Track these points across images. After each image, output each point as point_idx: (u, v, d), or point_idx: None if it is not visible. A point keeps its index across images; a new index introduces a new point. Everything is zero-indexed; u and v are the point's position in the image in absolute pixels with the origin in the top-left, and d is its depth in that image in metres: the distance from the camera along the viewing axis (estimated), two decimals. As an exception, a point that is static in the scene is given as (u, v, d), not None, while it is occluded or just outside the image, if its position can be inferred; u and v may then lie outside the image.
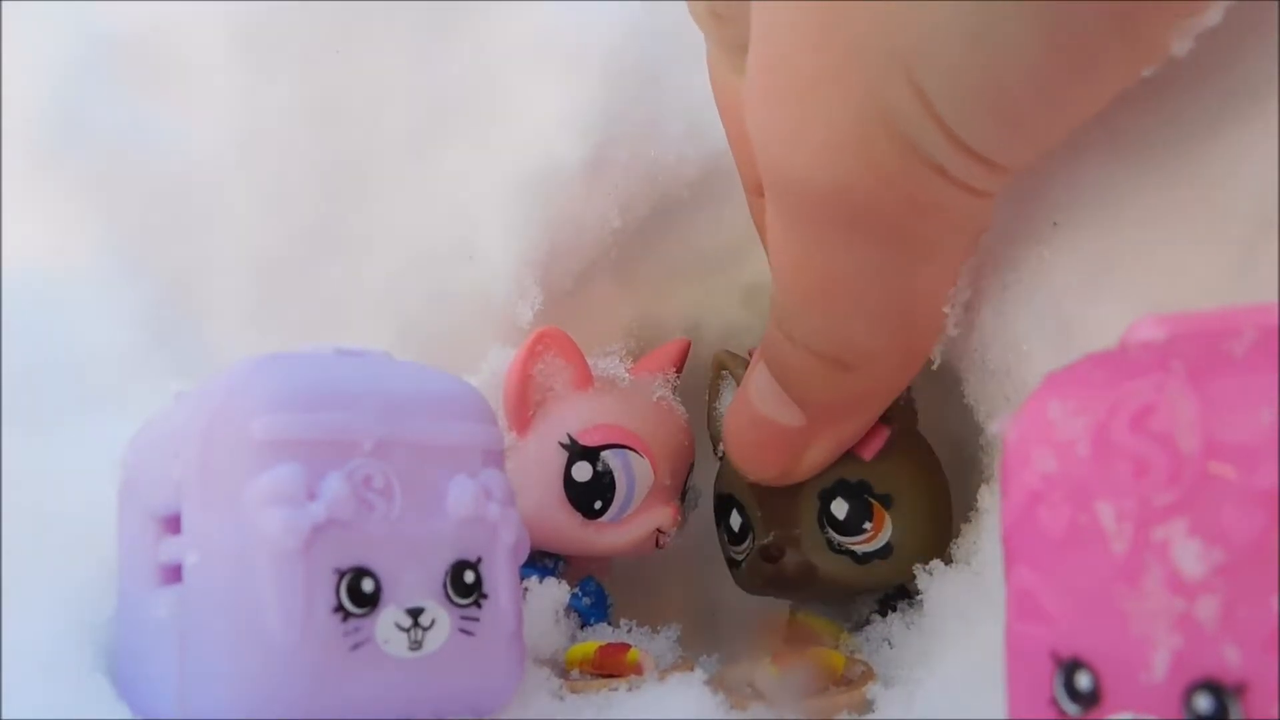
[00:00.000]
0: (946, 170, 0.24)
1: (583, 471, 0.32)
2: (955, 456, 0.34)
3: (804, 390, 0.29)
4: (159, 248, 0.40)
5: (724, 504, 0.34)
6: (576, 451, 0.32)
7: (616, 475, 0.32)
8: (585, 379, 0.33)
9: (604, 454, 0.32)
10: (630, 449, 0.32)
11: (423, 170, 0.40)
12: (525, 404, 0.32)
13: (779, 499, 0.32)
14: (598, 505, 0.32)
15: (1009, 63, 0.22)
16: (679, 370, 0.36)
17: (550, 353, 0.32)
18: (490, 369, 0.34)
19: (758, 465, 0.31)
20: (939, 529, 0.32)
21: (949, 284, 0.28)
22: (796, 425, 0.30)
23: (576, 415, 0.32)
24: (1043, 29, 0.22)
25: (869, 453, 0.31)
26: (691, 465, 0.35)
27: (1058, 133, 0.25)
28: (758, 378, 0.30)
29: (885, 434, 0.31)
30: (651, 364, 0.35)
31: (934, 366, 0.30)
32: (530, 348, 0.32)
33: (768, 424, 0.30)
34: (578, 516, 0.32)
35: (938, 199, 0.25)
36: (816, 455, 0.31)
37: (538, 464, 0.32)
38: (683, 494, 0.35)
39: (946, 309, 0.29)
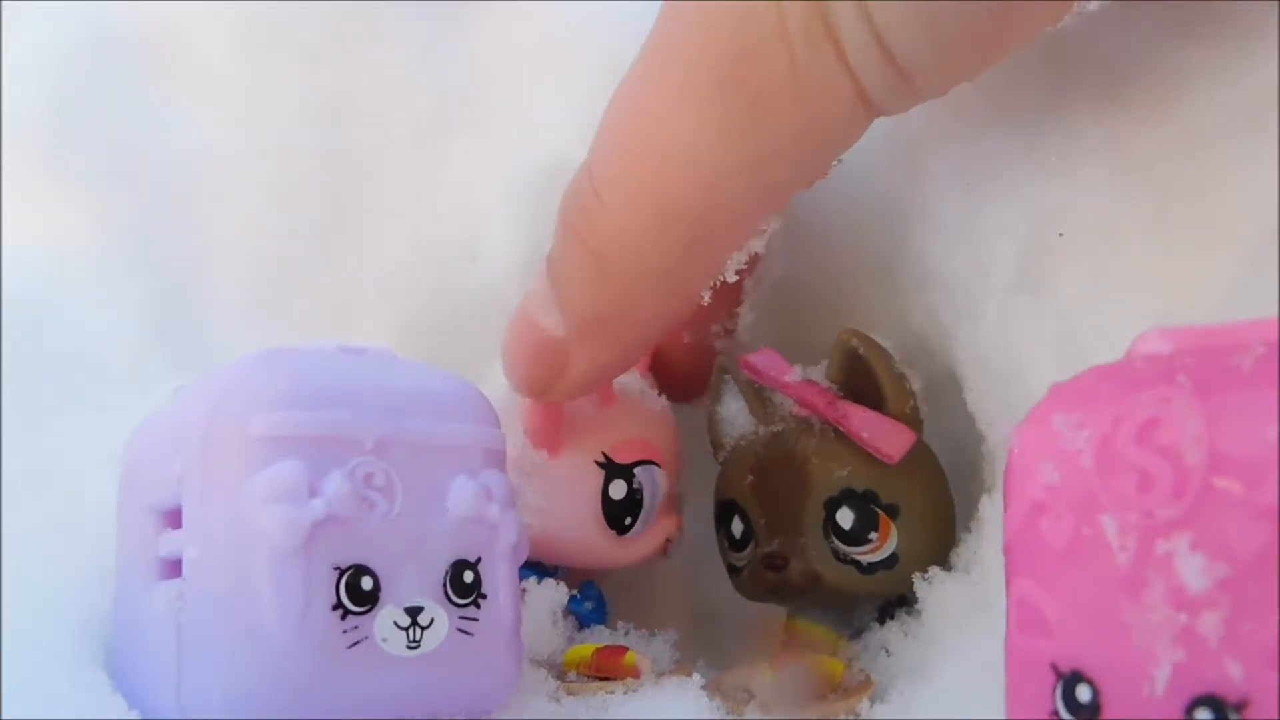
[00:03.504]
0: (854, 67, 0.25)
1: (619, 489, 0.32)
2: (957, 465, 0.34)
3: (565, 287, 0.29)
4: (161, 242, 0.40)
5: (725, 510, 0.33)
6: (614, 470, 0.32)
7: (645, 491, 0.32)
8: (609, 394, 0.33)
9: (637, 470, 0.32)
10: (655, 464, 0.32)
11: (426, 168, 0.40)
12: (556, 424, 0.32)
13: (783, 506, 0.32)
14: (628, 521, 0.32)
15: None
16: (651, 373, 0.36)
17: None
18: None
19: (518, 370, 0.30)
20: (944, 539, 0.32)
21: (740, 234, 0.28)
22: (557, 335, 0.29)
23: (607, 433, 0.32)
24: None
25: (896, 455, 0.30)
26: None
27: (980, 56, 0.26)
28: (537, 276, 0.30)
29: (912, 439, 0.31)
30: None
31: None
32: None
33: (533, 327, 0.29)
34: (611, 534, 0.32)
35: (825, 90, 0.25)
36: (575, 376, 0.29)
37: (570, 484, 0.32)
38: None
39: (731, 269, 0.28)
